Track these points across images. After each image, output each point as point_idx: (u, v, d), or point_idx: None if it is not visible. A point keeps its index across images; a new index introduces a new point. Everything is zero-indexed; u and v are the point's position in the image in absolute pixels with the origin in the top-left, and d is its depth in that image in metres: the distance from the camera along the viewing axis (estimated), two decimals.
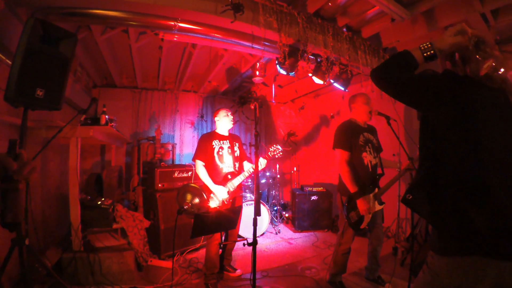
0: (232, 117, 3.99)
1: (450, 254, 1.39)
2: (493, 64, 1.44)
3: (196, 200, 3.08)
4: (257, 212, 2.61)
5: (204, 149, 3.80)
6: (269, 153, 3.84)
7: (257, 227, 3.07)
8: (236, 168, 3.95)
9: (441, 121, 1.46)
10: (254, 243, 2.62)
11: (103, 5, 3.11)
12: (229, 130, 4.07)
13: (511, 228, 1.28)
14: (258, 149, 2.95)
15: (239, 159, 4.03)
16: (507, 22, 3.82)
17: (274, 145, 3.87)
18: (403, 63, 1.54)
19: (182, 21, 3.43)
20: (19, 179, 1.15)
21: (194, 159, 3.83)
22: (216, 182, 3.68)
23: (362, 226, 3.25)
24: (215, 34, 3.70)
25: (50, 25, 2.46)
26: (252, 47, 3.87)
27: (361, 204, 3.16)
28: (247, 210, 5.18)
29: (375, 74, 1.60)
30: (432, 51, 1.49)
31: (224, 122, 3.94)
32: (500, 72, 1.46)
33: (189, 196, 3.09)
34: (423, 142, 1.58)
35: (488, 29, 3.94)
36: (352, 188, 3.21)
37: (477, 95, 1.41)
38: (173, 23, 3.41)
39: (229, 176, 3.76)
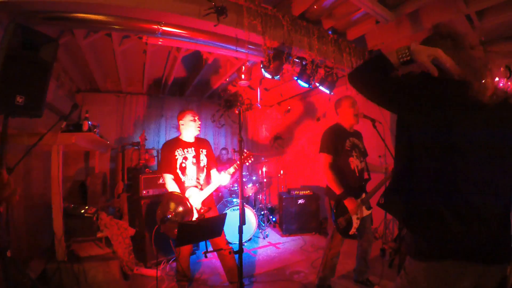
0: (199, 122, 3.58)
1: (427, 258, 1.39)
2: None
3: (180, 209, 2.99)
4: (243, 221, 2.58)
5: (168, 161, 3.39)
6: (234, 165, 3.32)
7: (244, 232, 2.98)
8: (201, 181, 3.45)
9: (416, 123, 1.45)
10: (240, 251, 2.59)
11: (85, 9, 3.02)
12: (195, 136, 3.64)
13: (487, 232, 1.30)
14: (242, 155, 2.92)
15: (205, 169, 3.55)
16: (492, 23, 3.85)
17: (245, 151, 3.32)
18: (379, 65, 1.52)
19: (165, 25, 3.38)
20: None
21: (161, 173, 3.43)
22: None
23: (351, 232, 3.21)
24: (199, 38, 3.65)
25: (31, 30, 2.41)
26: (236, 50, 3.84)
27: (349, 203, 3.14)
28: (234, 215, 5.13)
29: (351, 76, 1.61)
30: (408, 58, 1.45)
31: (189, 128, 3.51)
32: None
33: (172, 205, 3.00)
34: (398, 146, 1.57)
35: (472, 30, 3.99)
36: (337, 190, 3.19)
37: (455, 97, 1.39)
38: (156, 26, 3.35)
39: (192, 191, 3.33)
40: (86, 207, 3.73)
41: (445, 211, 1.32)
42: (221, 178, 3.39)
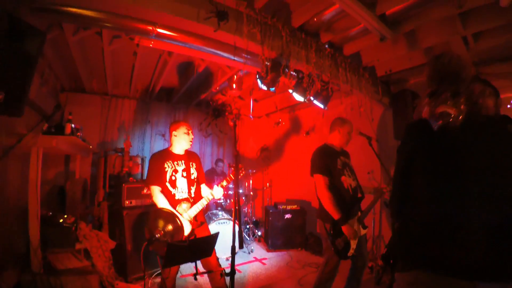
0: (192, 136, 3.49)
1: (408, 269, 1.53)
2: None
3: (169, 227, 2.78)
4: (238, 243, 2.41)
5: (157, 172, 3.19)
6: (228, 177, 3.31)
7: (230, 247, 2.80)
8: (192, 194, 3.28)
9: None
10: (232, 273, 2.38)
11: (77, 2, 2.79)
12: (186, 149, 3.50)
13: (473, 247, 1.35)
14: (238, 171, 2.76)
15: (195, 182, 3.39)
16: (487, 45, 3.92)
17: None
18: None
19: (160, 27, 3.19)
20: None
21: (148, 185, 3.19)
22: None
23: (349, 253, 3.08)
24: (195, 43, 3.50)
25: (17, 19, 2.21)
26: (234, 60, 3.69)
27: (346, 230, 3.01)
28: (220, 229, 4.91)
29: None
30: None
31: (182, 141, 3.39)
32: None
33: (161, 223, 2.78)
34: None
35: (467, 51, 4.00)
36: (335, 215, 3.05)
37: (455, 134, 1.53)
38: (151, 27, 3.17)
39: (183, 205, 3.13)
40: (65, 216, 3.48)
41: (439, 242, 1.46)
42: (215, 192, 3.27)
